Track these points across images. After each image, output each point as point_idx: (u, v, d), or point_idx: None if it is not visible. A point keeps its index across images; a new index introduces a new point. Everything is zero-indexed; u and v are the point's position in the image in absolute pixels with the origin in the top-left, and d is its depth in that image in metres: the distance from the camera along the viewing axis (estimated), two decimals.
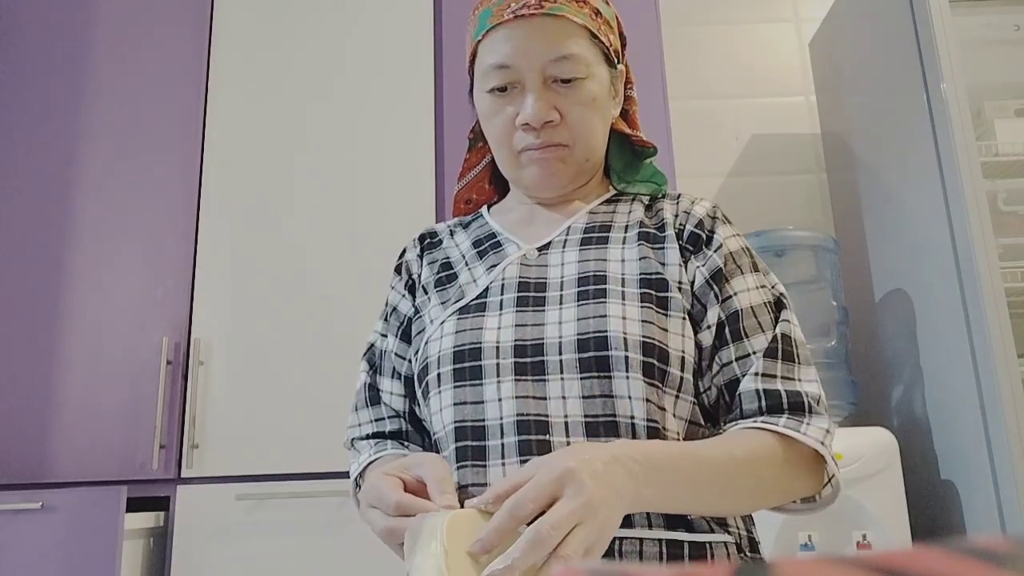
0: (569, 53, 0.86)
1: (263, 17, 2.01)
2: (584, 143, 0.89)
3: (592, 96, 0.88)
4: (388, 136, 1.94)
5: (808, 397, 0.80)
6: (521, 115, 0.87)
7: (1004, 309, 1.62)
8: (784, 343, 0.82)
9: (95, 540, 1.52)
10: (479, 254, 0.92)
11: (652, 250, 0.86)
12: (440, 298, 0.90)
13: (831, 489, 0.81)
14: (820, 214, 2.35)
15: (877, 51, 2.04)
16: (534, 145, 0.87)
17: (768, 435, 0.77)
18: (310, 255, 1.85)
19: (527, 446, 0.76)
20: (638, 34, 2.06)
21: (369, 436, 0.91)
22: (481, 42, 0.90)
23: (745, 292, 0.84)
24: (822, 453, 0.78)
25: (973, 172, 1.69)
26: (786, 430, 0.77)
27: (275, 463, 1.73)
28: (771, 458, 0.76)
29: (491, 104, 0.90)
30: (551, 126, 0.86)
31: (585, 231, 0.90)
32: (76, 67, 1.96)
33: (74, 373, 1.78)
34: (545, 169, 0.88)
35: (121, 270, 1.84)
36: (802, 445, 0.77)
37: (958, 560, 0.20)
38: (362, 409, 0.93)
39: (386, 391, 0.92)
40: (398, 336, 0.93)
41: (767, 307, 0.84)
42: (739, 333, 0.82)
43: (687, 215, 0.89)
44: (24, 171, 1.90)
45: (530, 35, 0.86)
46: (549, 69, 0.86)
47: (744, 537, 0.80)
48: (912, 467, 1.77)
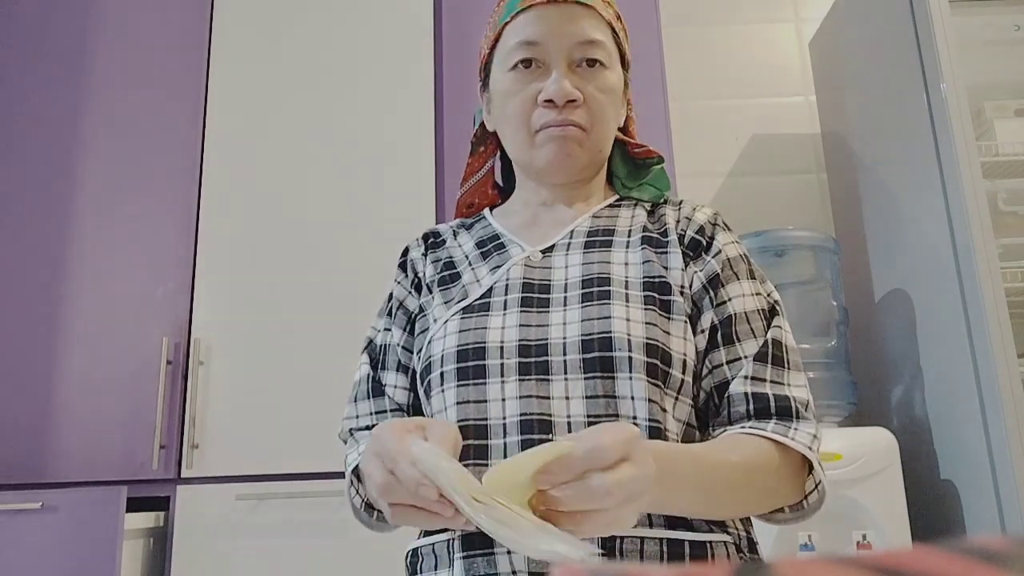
0: (595, 38, 0.89)
1: (263, 17, 2.01)
2: (600, 129, 0.90)
3: (611, 86, 0.90)
4: (389, 136, 1.94)
5: (796, 402, 0.80)
6: (544, 91, 0.87)
7: (1004, 309, 1.62)
8: (775, 348, 0.83)
9: (95, 540, 1.52)
10: (482, 255, 0.92)
11: (656, 254, 0.86)
12: (443, 297, 0.89)
13: (817, 495, 0.81)
14: (820, 214, 2.35)
15: (877, 51, 2.04)
16: (554, 122, 0.87)
17: (761, 440, 0.77)
18: (310, 255, 1.85)
19: (530, 446, 0.75)
20: (638, 34, 2.06)
21: (370, 428, 0.90)
22: (508, 24, 0.91)
23: (740, 298, 0.85)
24: (810, 458, 0.78)
25: (973, 172, 1.69)
26: (774, 435, 0.77)
27: (275, 463, 1.73)
28: (766, 465, 0.76)
29: (513, 81, 0.90)
30: (573, 105, 0.87)
31: (588, 234, 0.90)
32: (76, 67, 1.96)
33: (74, 373, 1.78)
34: (562, 149, 0.88)
35: (121, 270, 1.84)
36: (790, 450, 0.77)
37: (958, 560, 0.20)
38: (362, 401, 0.92)
39: (390, 384, 0.91)
40: (405, 330, 0.93)
41: (760, 314, 0.85)
42: (731, 337, 0.83)
43: (689, 221, 0.90)
44: (24, 171, 1.90)
45: (560, 17, 0.88)
46: (575, 52, 0.88)
47: (743, 537, 0.80)
48: (912, 467, 1.77)
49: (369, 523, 0.89)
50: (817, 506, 0.82)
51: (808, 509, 0.82)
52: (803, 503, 0.81)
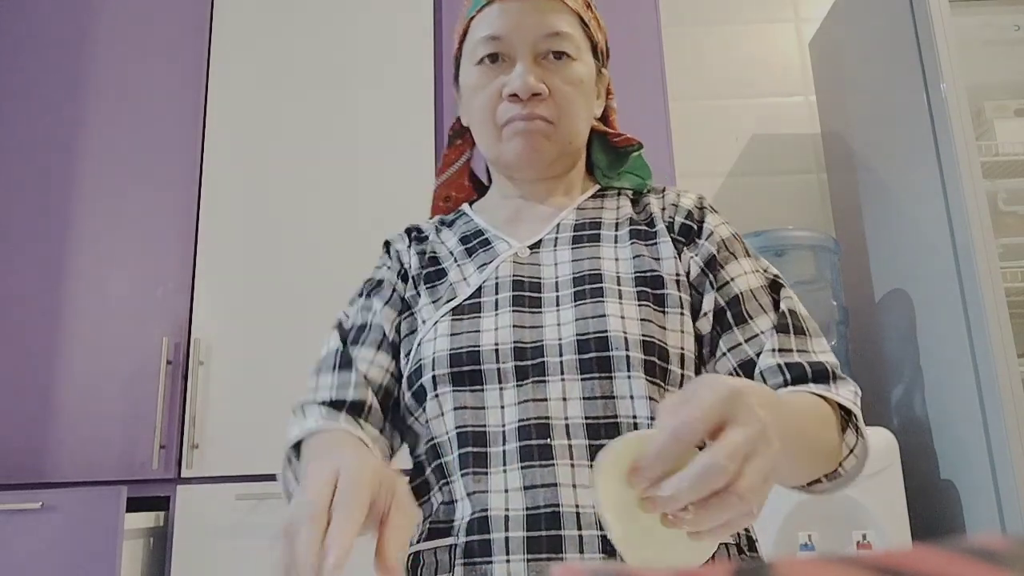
0: (561, 30, 0.87)
1: (263, 17, 2.01)
2: (569, 122, 0.88)
3: (580, 77, 0.88)
4: (389, 136, 1.94)
5: (830, 366, 0.79)
6: (508, 85, 0.86)
7: (1004, 309, 1.62)
8: (793, 318, 0.82)
9: (95, 540, 1.52)
10: (468, 251, 0.90)
11: (645, 247, 0.85)
12: (430, 296, 0.87)
13: (856, 460, 0.77)
14: (820, 214, 2.35)
15: (877, 51, 2.04)
16: (519, 116, 0.86)
17: (809, 395, 0.75)
18: (310, 255, 1.85)
19: (528, 451, 0.75)
20: (638, 34, 2.06)
21: (325, 403, 0.83)
22: (474, 18, 0.90)
23: (742, 276, 0.84)
24: (854, 412, 0.76)
25: (973, 172, 1.69)
26: (819, 391, 0.75)
27: (275, 463, 1.71)
28: (826, 417, 0.73)
29: (479, 76, 0.88)
30: (538, 99, 0.86)
31: (575, 228, 0.89)
32: (76, 67, 1.96)
33: (74, 373, 1.78)
34: (529, 143, 0.86)
35: (121, 270, 1.84)
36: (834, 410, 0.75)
37: (958, 560, 0.20)
38: (325, 373, 0.86)
39: (364, 360, 0.86)
40: (400, 313, 0.89)
41: (764, 290, 0.84)
42: (742, 316, 0.82)
43: (676, 208, 0.89)
44: (24, 171, 1.90)
45: (524, 10, 0.87)
46: (540, 44, 0.86)
47: (743, 536, 0.80)
48: (912, 467, 1.77)
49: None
50: (857, 470, 0.77)
51: (846, 476, 0.77)
52: (839, 470, 0.76)
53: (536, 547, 0.72)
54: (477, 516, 0.75)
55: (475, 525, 0.74)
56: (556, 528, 0.72)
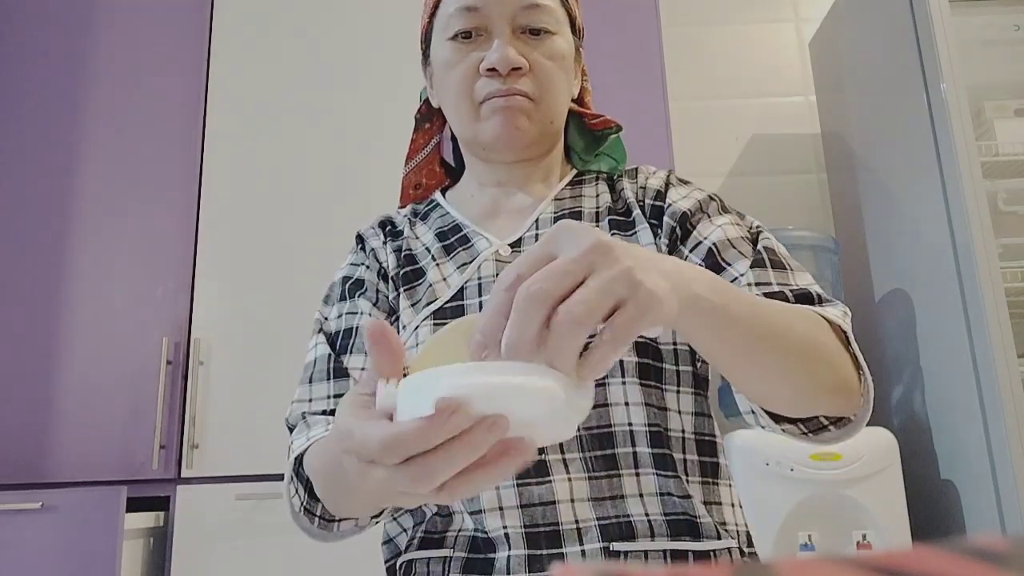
0: (541, 3, 0.82)
1: (263, 17, 2.01)
2: (550, 99, 0.83)
3: (560, 53, 0.83)
4: (389, 136, 1.94)
5: (814, 290, 0.74)
6: (487, 60, 0.80)
7: (1004, 309, 1.62)
8: (770, 255, 0.77)
9: (95, 540, 1.52)
10: (445, 249, 0.85)
11: (625, 238, 0.82)
12: (409, 299, 0.83)
13: (863, 400, 0.70)
14: (820, 214, 2.35)
15: (877, 51, 2.04)
16: (498, 92, 0.80)
17: (787, 304, 0.68)
18: (310, 255, 1.85)
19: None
20: (638, 34, 2.06)
21: (326, 412, 0.78)
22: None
23: (716, 229, 0.79)
24: (844, 329, 0.70)
25: (973, 172, 1.70)
26: (803, 308, 0.69)
27: (275, 463, 1.73)
28: (815, 321, 0.67)
29: (454, 51, 0.83)
30: (518, 74, 0.80)
31: (555, 222, 0.87)
32: (76, 66, 1.96)
33: (74, 373, 1.78)
34: (509, 121, 0.80)
35: (121, 270, 1.84)
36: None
37: (958, 560, 0.20)
38: (318, 383, 0.81)
39: (356, 368, 0.81)
40: (375, 305, 0.84)
41: (745, 240, 0.79)
42: (719, 266, 0.76)
43: (644, 190, 0.85)
44: (24, 171, 1.90)
45: None
46: (519, 17, 0.81)
47: (742, 533, 0.79)
48: (912, 467, 1.77)
49: (310, 530, 0.76)
50: (864, 416, 0.71)
51: (856, 421, 0.71)
52: (849, 416, 0.70)
53: (538, 566, 0.71)
54: (479, 535, 0.73)
55: (479, 543, 0.73)
56: (557, 547, 0.71)
